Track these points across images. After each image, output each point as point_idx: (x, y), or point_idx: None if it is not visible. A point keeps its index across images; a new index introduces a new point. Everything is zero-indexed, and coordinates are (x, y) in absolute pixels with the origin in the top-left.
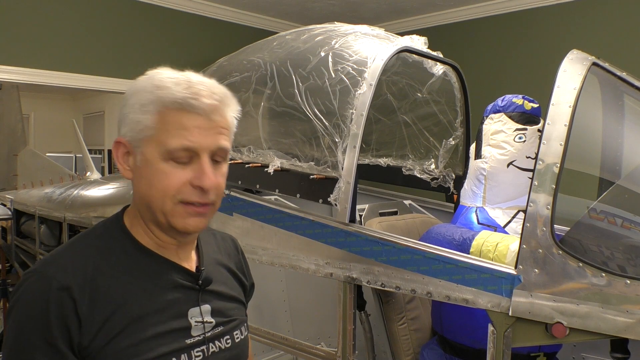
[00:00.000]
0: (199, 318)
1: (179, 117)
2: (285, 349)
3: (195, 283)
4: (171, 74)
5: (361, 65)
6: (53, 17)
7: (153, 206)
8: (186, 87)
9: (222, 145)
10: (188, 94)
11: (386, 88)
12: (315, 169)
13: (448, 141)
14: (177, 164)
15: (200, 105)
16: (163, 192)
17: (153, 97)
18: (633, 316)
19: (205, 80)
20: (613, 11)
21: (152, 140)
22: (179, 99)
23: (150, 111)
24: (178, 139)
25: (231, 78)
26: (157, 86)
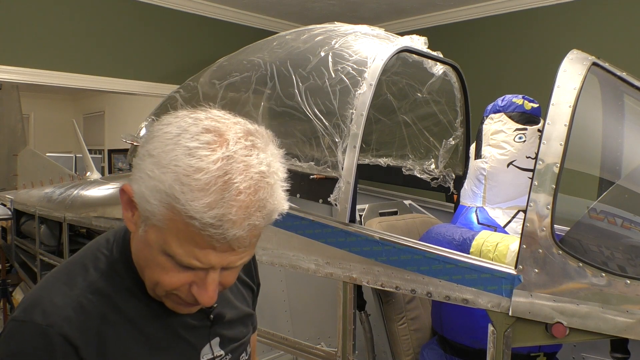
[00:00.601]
0: (209, 355)
1: (193, 235)
2: (285, 349)
3: (207, 320)
4: (204, 157)
5: (361, 65)
6: (53, 17)
7: (144, 278)
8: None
9: (243, 263)
10: (212, 219)
11: (386, 88)
12: (315, 169)
13: (448, 141)
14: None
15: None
16: (157, 282)
17: (169, 190)
18: (633, 316)
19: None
20: (613, 11)
21: (157, 230)
22: (198, 222)
23: (162, 203)
24: (186, 255)
25: (231, 78)
26: (178, 179)
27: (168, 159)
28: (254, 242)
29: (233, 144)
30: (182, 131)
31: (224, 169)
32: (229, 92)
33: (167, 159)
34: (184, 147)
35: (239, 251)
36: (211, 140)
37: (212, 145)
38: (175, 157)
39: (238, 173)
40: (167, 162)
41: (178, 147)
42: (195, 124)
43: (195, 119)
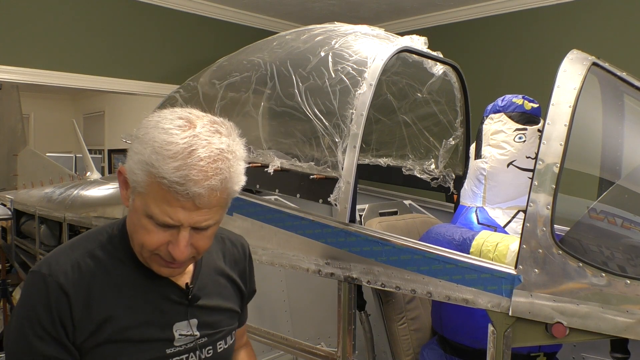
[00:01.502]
0: (184, 331)
1: (165, 194)
2: (285, 349)
3: (185, 299)
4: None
5: (361, 65)
6: (53, 17)
7: (134, 244)
8: (179, 167)
9: (207, 225)
10: (177, 178)
11: (386, 88)
12: (315, 169)
13: (448, 141)
14: (159, 225)
15: (188, 192)
16: (142, 243)
17: (147, 159)
18: (633, 316)
19: (212, 151)
20: (613, 11)
21: (141, 196)
22: (167, 181)
23: (143, 171)
24: (160, 213)
25: (231, 78)
26: (154, 150)
27: (148, 137)
28: (217, 209)
29: (200, 127)
30: (161, 119)
31: (189, 143)
32: (229, 92)
33: (148, 137)
34: (161, 128)
35: (203, 212)
36: (182, 124)
37: (182, 127)
38: (154, 136)
39: (201, 147)
40: (148, 140)
41: (156, 129)
42: (172, 114)
43: (172, 111)
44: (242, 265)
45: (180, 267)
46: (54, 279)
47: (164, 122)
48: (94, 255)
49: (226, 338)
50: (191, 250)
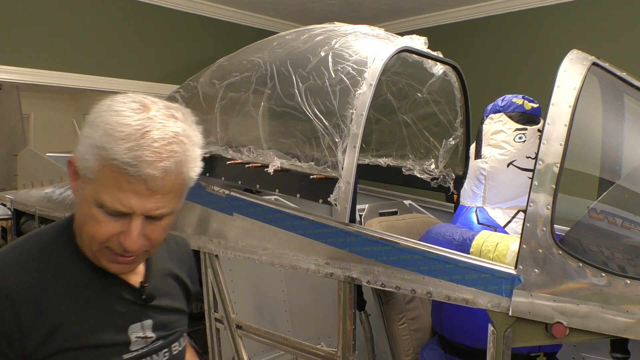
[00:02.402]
0: (139, 333)
1: (117, 178)
2: (285, 349)
3: (139, 299)
4: (128, 117)
5: (361, 65)
6: (53, 17)
7: (83, 238)
8: (132, 148)
9: (161, 213)
10: (130, 159)
11: (386, 88)
12: (315, 169)
13: (448, 141)
14: (109, 215)
15: (141, 174)
16: (92, 235)
17: (98, 142)
18: (633, 316)
19: (166, 133)
20: (613, 11)
21: (91, 184)
22: (118, 162)
23: (93, 156)
24: (112, 200)
25: (231, 78)
26: (106, 132)
27: (100, 120)
28: (171, 196)
29: (154, 111)
30: (114, 102)
31: (143, 125)
32: (229, 92)
33: (99, 120)
34: (113, 110)
35: (157, 198)
36: (136, 107)
37: (136, 110)
38: (106, 119)
39: (155, 129)
40: (99, 123)
41: (108, 112)
42: (125, 97)
43: (126, 95)
44: (188, 264)
45: (131, 263)
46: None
47: (117, 105)
48: (40, 257)
49: (180, 340)
50: (144, 242)
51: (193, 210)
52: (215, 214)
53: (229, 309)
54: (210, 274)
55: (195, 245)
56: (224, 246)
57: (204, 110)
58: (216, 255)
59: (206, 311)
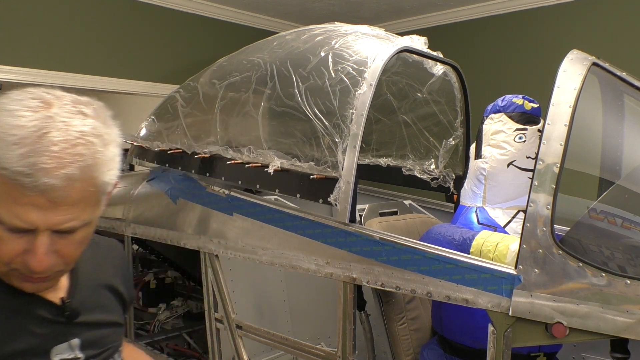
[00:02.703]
0: (65, 355)
1: (11, 190)
2: (285, 349)
3: (61, 316)
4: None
5: (361, 65)
6: (53, 17)
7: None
8: (25, 154)
9: (71, 227)
10: (23, 167)
11: (386, 88)
12: (315, 169)
13: (448, 141)
14: (9, 231)
15: (37, 184)
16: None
17: None
18: (633, 316)
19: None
20: (613, 11)
21: None
22: (9, 172)
23: None
24: (8, 215)
25: (231, 78)
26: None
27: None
28: (82, 207)
29: (57, 108)
30: (8, 100)
31: (40, 126)
32: (229, 92)
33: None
34: (5, 111)
35: (62, 210)
36: (34, 105)
37: (34, 109)
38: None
39: (56, 129)
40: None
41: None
42: (22, 93)
43: (25, 91)
44: (122, 270)
45: (45, 281)
46: None
47: (11, 104)
48: None
49: (114, 355)
50: (55, 259)
51: (193, 210)
52: (215, 214)
53: (229, 309)
54: (210, 274)
55: (195, 245)
56: (224, 246)
57: (204, 110)
58: (216, 255)
59: (206, 311)
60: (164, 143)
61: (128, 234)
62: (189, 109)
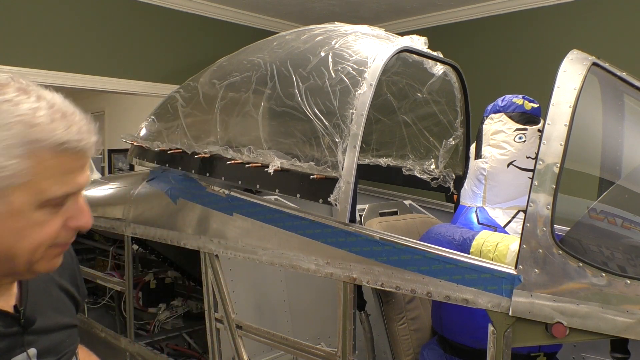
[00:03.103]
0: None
1: (62, 161)
2: (285, 349)
3: (16, 325)
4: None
5: (361, 65)
6: (53, 17)
7: (17, 259)
8: (67, 125)
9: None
10: (75, 136)
11: (386, 88)
12: (315, 169)
13: (448, 141)
14: (53, 209)
15: (87, 146)
16: (39, 242)
17: (25, 137)
18: (633, 316)
19: (63, 104)
20: (613, 11)
21: (25, 188)
22: (64, 142)
23: (21, 155)
24: (61, 186)
25: (231, 78)
26: (29, 124)
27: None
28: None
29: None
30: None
31: (47, 104)
32: (229, 92)
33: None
34: (6, 101)
35: (87, 166)
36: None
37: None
38: (6, 114)
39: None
40: (5, 122)
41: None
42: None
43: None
44: (71, 269)
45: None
46: None
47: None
48: None
49: (71, 359)
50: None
51: (193, 210)
52: (215, 214)
53: (229, 309)
54: (210, 274)
55: (195, 245)
56: (224, 246)
57: (204, 110)
58: (216, 255)
59: (206, 311)
60: (164, 143)
61: (128, 234)
62: (189, 109)
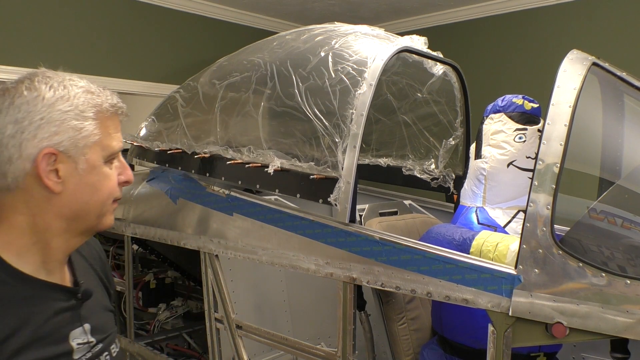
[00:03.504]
0: (80, 339)
1: (114, 121)
2: (285, 349)
3: (74, 299)
4: (74, 85)
5: (361, 65)
6: (53, 17)
7: (92, 212)
8: (111, 95)
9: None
10: (115, 101)
11: (386, 88)
12: (315, 169)
13: (448, 141)
14: (111, 164)
15: (124, 109)
16: (108, 193)
17: (91, 102)
18: (633, 316)
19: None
20: (613, 11)
21: (97, 145)
22: (114, 104)
23: (91, 117)
24: (117, 142)
25: (231, 78)
26: (88, 91)
27: (67, 95)
28: None
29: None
30: (41, 84)
31: (82, 85)
32: (229, 92)
33: (66, 96)
34: (64, 81)
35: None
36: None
37: (59, 82)
38: (69, 88)
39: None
40: (74, 93)
41: (61, 86)
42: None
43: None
44: (103, 262)
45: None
46: None
47: (55, 79)
48: None
49: (115, 340)
50: None
51: (193, 210)
52: (215, 214)
53: (229, 309)
54: (210, 274)
55: (195, 245)
56: (224, 246)
57: (204, 110)
58: (216, 255)
59: (206, 311)
60: (164, 143)
61: (128, 234)
62: (189, 109)
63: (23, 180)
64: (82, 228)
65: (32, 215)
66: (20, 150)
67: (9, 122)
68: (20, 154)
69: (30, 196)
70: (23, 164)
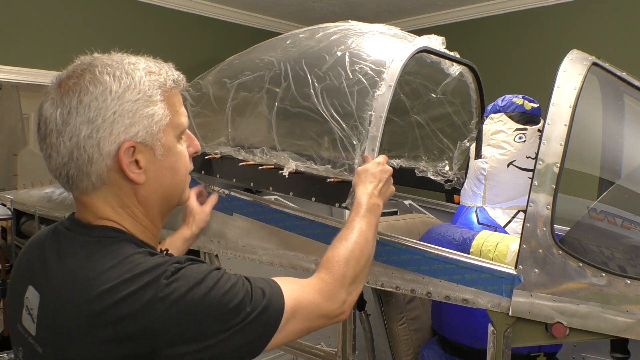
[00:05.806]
0: None
1: (176, 96)
2: (285, 349)
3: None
4: (139, 67)
5: (379, 66)
6: (53, 17)
7: (176, 191)
8: (168, 68)
9: None
10: (176, 75)
11: (399, 88)
12: (331, 172)
13: (463, 143)
14: (181, 140)
15: (184, 79)
16: (185, 170)
17: (155, 83)
18: (633, 316)
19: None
20: (613, 11)
21: (168, 127)
22: (175, 79)
23: (159, 100)
24: (184, 117)
25: (243, 77)
26: (150, 72)
27: (133, 83)
28: None
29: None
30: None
31: (142, 66)
32: (240, 91)
33: (132, 84)
34: (124, 63)
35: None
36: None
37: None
38: (136, 71)
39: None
40: (139, 78)
41: (124, 66)
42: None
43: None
44: None
45: None
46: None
47: (118, 61)
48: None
49: None
50: None
51: None
52: (215, 214)
53: None
54: None
55: (195, 245)
56: (224, 246)
57: (214, 110)
58: (216, 255)
59: None
60: None
61: None
62: (198, 109)
63: (107, 176)
64: (168, 208)
65: (127, 207)
66: (100, 149)
67: (81, 123)
68: (100, 153)
69: (119, 188)
70: (105, 162)
